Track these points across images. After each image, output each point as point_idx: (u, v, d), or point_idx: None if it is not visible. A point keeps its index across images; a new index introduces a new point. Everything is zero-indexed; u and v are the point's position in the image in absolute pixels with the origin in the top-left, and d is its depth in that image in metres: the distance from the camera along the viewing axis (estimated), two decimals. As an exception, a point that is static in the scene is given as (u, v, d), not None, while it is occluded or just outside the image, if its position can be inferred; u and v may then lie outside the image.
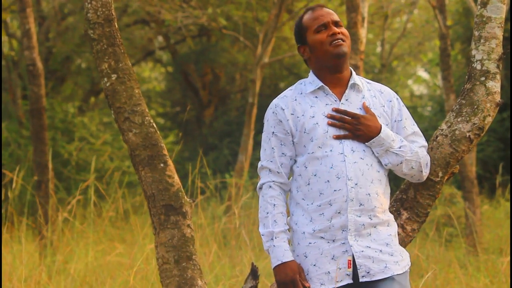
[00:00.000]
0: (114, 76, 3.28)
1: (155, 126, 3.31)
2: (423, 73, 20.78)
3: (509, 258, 5.48)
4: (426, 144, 2.90)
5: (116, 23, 3.32)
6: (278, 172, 2.80)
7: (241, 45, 15.02)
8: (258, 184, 2.85)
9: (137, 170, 3.28)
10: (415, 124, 2.91)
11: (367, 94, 2.86)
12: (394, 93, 2.92)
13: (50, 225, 6.28)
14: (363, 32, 5.96)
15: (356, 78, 2.84)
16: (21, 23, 7.29)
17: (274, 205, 2.77)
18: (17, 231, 6.26)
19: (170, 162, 3.29)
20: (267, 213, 2.77)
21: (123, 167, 10.68)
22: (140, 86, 3.35)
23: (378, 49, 18.35)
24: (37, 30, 12.73)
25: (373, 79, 10.95)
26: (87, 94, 15.66)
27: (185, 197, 3.29)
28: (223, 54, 15.52)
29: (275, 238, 2.74)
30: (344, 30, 2.81)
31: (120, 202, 6.41)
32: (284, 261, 2.72)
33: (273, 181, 2.80)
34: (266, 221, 2.77)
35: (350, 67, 2.87)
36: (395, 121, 2.85)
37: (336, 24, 2.81)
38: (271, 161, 2.81)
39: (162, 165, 3.27)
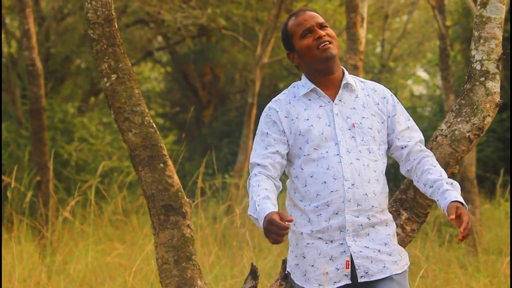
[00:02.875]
0: (114, 76, 3.28)
1: (154, 126, 3.31)
2: (422, 73, 20.76)
3: (509, 258, 5.48)
4: (422, 137, 2.86)
5: (116, 23, 3.32)
6: (266, 166, 2.74)
7: (241, 45, 15.01)
8: (248, 180, 2.80)
9: (137, 170, 3.28)
10: (410, 119, 2.88)
11: (361, 93, 2.85)
12: (388, 90, 2.91)
13: (50, 225, 6.28)
14: (362, 32, 5.96)
15: (348, 78, 2.83)
16: (21, 23, 7.29)
17: (258, 185, 2.69)
18: (17, 231, 6.25)
19: (169, 162, 3.29)
20: (252, 193, 2.68)
21: (122, 167, 10.67)
22: (139, 86, 3.35)
23: (378, 49, 18.33)
24: (36, 30, 12.72)
25: (373, 79, 10.94)
26: (86, 94, 15.63)
27: (185, 197, 3.29)
28: (222, 54, 15.51)
29: (258, 205, 2.61)
30: (329, 31, 2.78)
31: (119, 202, 6.40)
32: (266, 213, 2.56)
33: (260, 171, 2.75)
34: (251, 202, 2.67)
35: (342, 67, 2.86)
36: (389, 116, 2.84)
37: (321, 26, 2.78)
38: (261, 157, 2.76)
39: (161, 165, 3.27)
